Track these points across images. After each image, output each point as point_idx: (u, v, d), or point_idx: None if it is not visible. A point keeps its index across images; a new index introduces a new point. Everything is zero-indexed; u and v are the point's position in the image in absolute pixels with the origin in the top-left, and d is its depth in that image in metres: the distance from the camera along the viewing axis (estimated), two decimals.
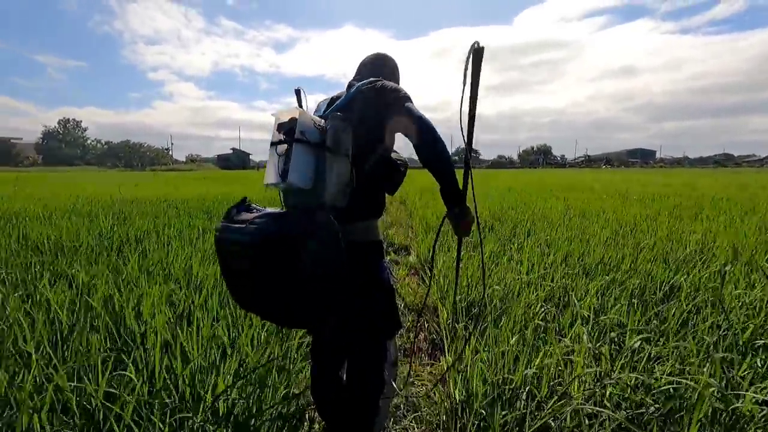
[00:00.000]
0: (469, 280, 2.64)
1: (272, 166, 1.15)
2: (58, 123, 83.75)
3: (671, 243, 3.46)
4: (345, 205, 1.16)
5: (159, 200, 7.46)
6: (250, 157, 72.00)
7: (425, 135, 1.16)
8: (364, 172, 1.22)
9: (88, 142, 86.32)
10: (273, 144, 1.17)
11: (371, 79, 1.27)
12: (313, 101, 1.41)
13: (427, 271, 3.52)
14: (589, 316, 1.94)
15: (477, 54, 1.17)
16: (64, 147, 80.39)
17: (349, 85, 1.33)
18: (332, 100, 1.34)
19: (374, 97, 1.22)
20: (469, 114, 1.21)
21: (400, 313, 1.48)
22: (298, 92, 1.50)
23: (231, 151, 72.62)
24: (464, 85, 1.17)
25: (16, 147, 78.24)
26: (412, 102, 1.24)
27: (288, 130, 1.15)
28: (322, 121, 1.18)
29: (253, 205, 1.19)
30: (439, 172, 1.18)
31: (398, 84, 1.33)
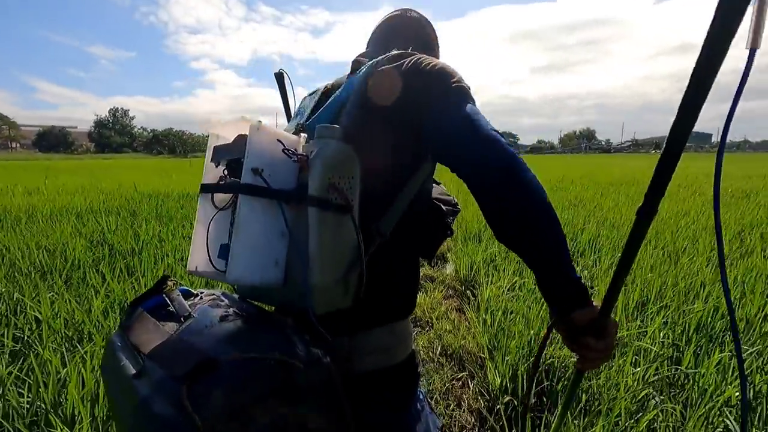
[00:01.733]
0: (537, 328, 2.00)
1: (200, 235, 0.60)
2: (108, 112, 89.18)
3: None
4: (349, 305, 0.60)
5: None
6: None
7: (497, 171, 0.56)
8: (382, 235, 0.65)
9: (135, 130, 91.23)
10: (205, 189, 0.62)
11: (395, 52, 0.68)
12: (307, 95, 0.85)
13: (468, 294, 2.92)
14: None
15: None
16: (113, 135, 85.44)
17: (355, 65, 0.73)
18: (324, 93, 0.76)
19: (402, 88, 0.63)
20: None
21: None
22: (279, 77, 0.93)
23: None
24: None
25: (71, 135, 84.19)
26: (473, 101, 0.64)
27: (233, 162, 0.59)
28: (301, 138, 0.61)
29: (176, 294, 0.63)
30: (532, 244, 0.57)
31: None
